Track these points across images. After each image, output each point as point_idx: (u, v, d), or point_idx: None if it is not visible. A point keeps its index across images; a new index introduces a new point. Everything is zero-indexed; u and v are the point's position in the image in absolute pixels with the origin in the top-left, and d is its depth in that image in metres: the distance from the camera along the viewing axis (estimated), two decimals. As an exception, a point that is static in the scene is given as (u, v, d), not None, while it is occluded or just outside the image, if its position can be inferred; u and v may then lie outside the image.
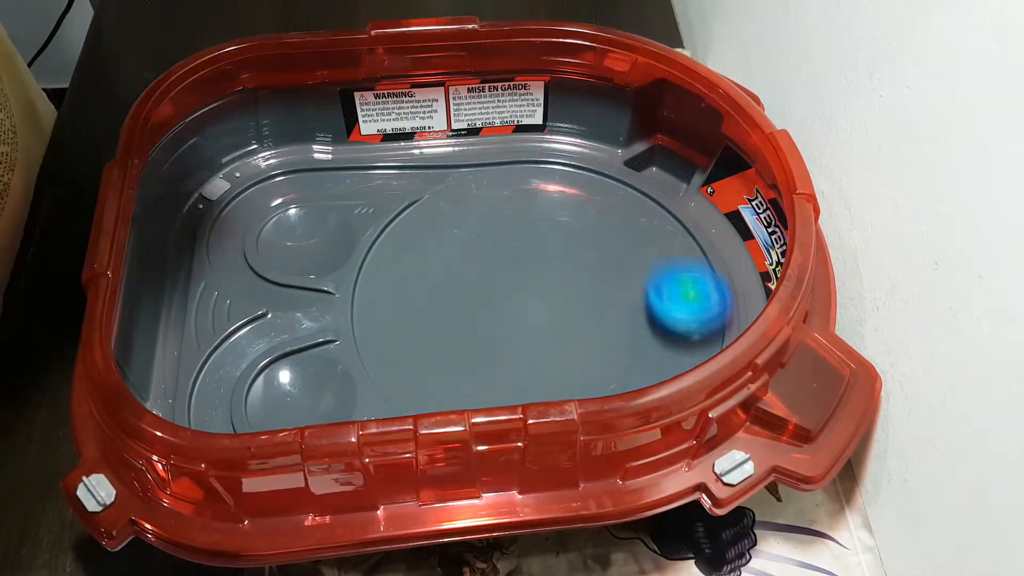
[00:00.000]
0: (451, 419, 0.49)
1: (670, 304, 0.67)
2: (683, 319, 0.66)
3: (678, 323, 0.66)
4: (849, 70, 0.61)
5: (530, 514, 0.52)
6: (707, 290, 0.68)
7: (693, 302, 0.67)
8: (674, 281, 0.68)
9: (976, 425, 0.50)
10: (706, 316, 0.67)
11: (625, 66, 0.73)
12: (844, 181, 0.63)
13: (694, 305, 0.67)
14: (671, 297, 0.67)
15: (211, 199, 0.74)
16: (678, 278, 0.68)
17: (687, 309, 0.67)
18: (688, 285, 0.67)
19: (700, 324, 0.67)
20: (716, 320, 0.67)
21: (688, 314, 0.66)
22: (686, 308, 0.67)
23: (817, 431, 0.54)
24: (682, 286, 0.67)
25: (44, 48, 1.18)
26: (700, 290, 0.67)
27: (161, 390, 0.62)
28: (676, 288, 0.67)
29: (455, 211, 0.75)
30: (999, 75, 0.47)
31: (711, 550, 0.61)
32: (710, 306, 0.67)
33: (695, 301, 0.67)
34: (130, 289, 0.60)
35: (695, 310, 0.67)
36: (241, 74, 0.72)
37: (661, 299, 0.67)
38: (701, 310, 0.67)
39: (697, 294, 0.67)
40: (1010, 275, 0.47)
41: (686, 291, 0.67)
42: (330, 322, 0.67)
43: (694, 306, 0.67)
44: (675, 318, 0.66)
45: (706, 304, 0.67)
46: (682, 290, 0.67)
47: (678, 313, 0.66)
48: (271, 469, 0.49)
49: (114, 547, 0.50)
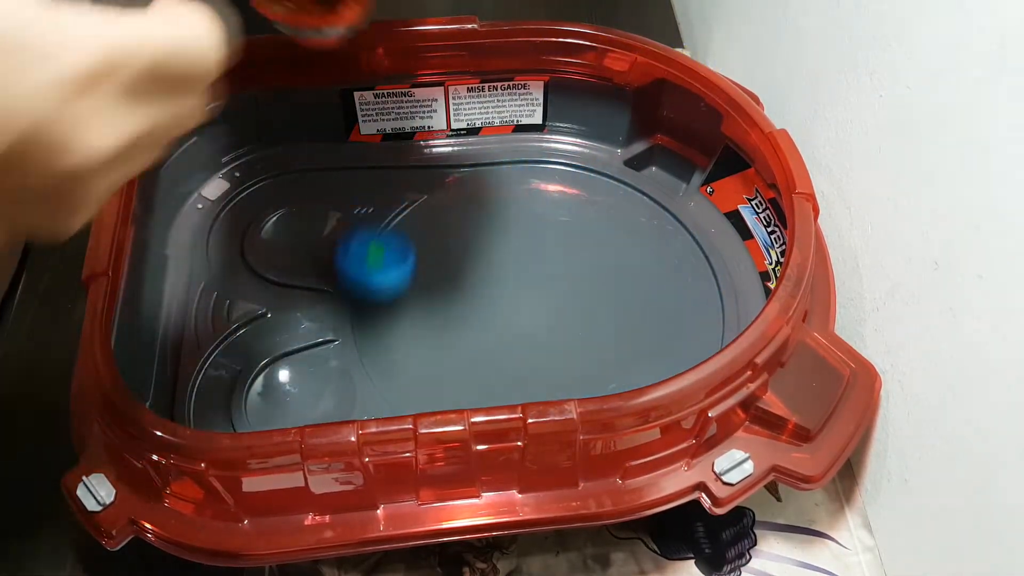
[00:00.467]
0: (451, 418, 0.49)
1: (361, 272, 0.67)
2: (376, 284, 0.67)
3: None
4: (849, 70, 0.61)
5: (530, 513, 0.52)
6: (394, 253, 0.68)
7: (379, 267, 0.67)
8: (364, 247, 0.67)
9: (976, 425, 0.50)
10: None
11: (625, 66, 0.73)
12: (844, 181, 0.63)
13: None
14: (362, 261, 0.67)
15: (211, 199, 0.74)
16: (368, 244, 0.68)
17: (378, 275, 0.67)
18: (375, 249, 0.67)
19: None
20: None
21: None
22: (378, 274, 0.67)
23: (817, 430, 0.54)
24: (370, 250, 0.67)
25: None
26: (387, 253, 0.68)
27: (161, 390, 0.62)
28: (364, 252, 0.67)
29: (455, 211, 0.75)
30: (999, 75, 0.47)
31: (711, 550, 0.61)
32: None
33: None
34: (130, 288, 0.60)
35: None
36: (241, 73, 0.71)
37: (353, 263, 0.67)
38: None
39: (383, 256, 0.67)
40: (1010, 275, 0.47)
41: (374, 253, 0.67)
42: (330, 322, 0.67)
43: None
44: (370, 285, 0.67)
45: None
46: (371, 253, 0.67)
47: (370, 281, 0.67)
48: (271, 468, 0.49)
49: (114, 547, 0.50)
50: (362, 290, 0.67)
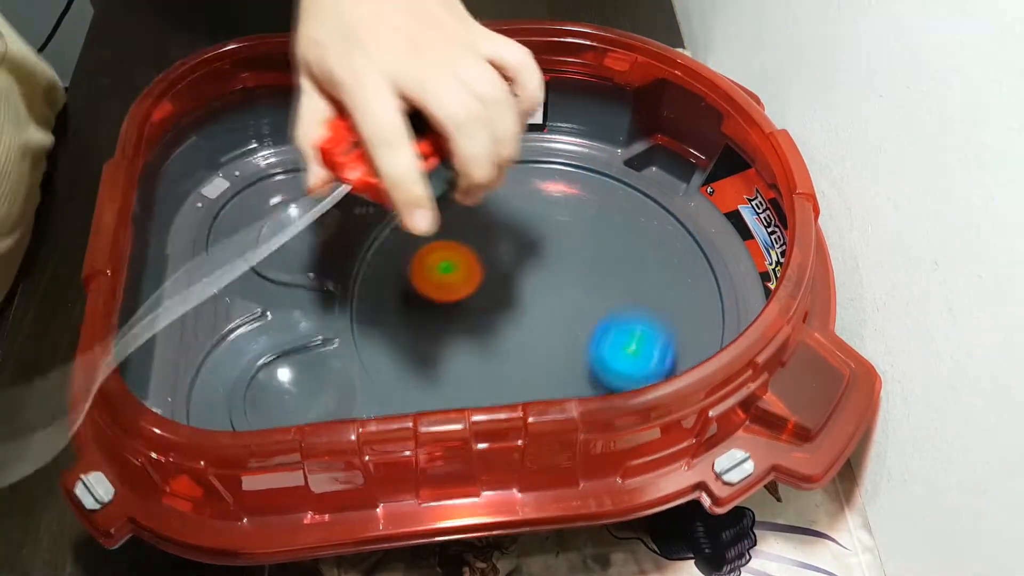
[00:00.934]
0: (451, 417, 0.49)
1: (610, 355, 0.62)
2: (621, 373, 0.62)
3: (615, 376, 0.62)
4: (849, 70, 0.61)
5: (530, 513, 0.52)
6: (650, 347, 0.62)
7: (632, 357, 0.62)
8: (619, 333, 0.63)
9: (976, 425, 0.50)
10: (644, 373, 0.62)
11: (625, 65, 0.73)
12: (844, 181, 0.63)
13: (633, 360, 0.62)
14: (612, 348, 0.62)
15: (210, 198, 0.74)
16: (623, 329, 0.63)
17: (626, 363, 0.62)
18: (630, 338, 0.63)
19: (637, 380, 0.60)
20: (653, 376, 0.62)
21: (626, 368, 0.62)
22: (625, 362, 0.62)
23: (817, 430, 0.54)
24: (625, 338, 0.63)
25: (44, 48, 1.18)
26: (642, 345, 0.62)
27: (160, 388, 0.62)
28: (619, 339, 0.63)
29: (454, 211, 0.74)
30: (999, 75, 0.47)
31: (711, 550, 0.61)
32: (650, 363, 0.62)
33: (635, 356, 0.62)
34: (130, 288, 0.60)
35: (634, 365, 0.62)
36: (240, 73, 0.72)
37: (603, 350, 0.63)
38: (640, 366, 0.62)
39: (638, 349, 0.62)
40: (1010, 275, 0.47)
41: (627, 344, 0.62)
42: (329, 321, 0.67)
43: (633, 361, 0.62)
44: (613, 371, 0.62)
45: (646, 361, 0.62)
46: (624, 342, 0.62)
47: (616, 366, 0.62)
48: (271, 467, 0.49)
49: (112, 545, 0.50)
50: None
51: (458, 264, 0.69)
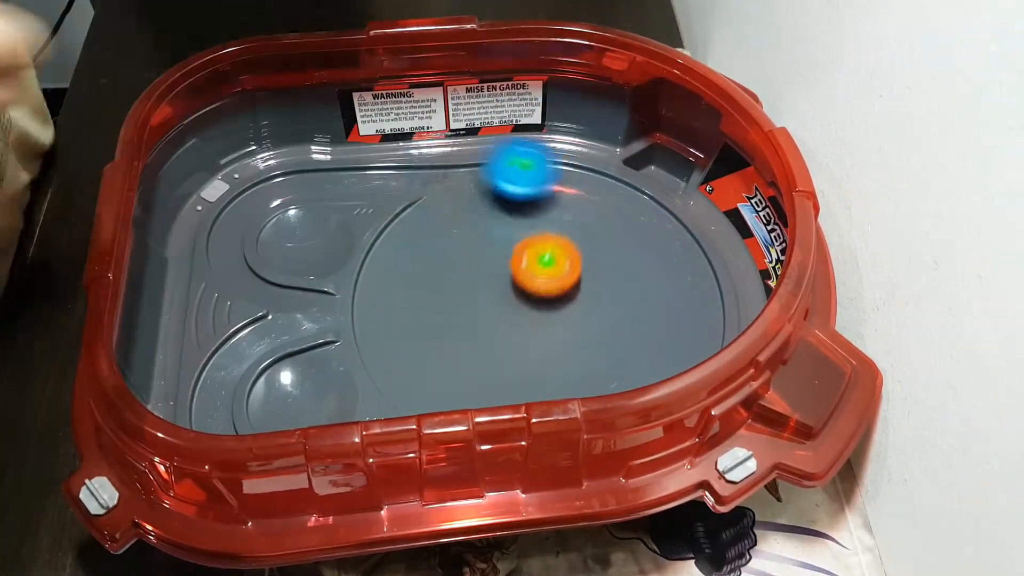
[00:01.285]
0: (454, 419, 0.49)
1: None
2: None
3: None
4: (849, 70, 0.61)
5: (533, 513, 0.52)
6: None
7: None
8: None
9: (976, 425, 0.50)
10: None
11: (623, 65, 0.73)
12: (844, 181, 0.63)
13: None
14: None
15: (210, 200, 0.74)
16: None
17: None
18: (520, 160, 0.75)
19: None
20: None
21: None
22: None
23: (819, 428, 0.54)
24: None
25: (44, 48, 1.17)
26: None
27: (162, 392, 0.62)
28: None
29: (454, 211, 0.75)
30: (999, 75, 0.47)
31: (711, 550, 0.61)
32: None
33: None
34: (130, 291, 0.60)
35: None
36: (240, 75, 0.72)
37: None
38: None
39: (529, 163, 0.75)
40: (1010, 275, 0.47)
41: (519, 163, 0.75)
42: (331, 323, 0.67)
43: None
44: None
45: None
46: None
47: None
48: (274, 470, 0.49)
49: (117, 550, 0.50)
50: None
51: (557, 257, 0.70)
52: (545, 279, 0.69)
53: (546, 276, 0.69)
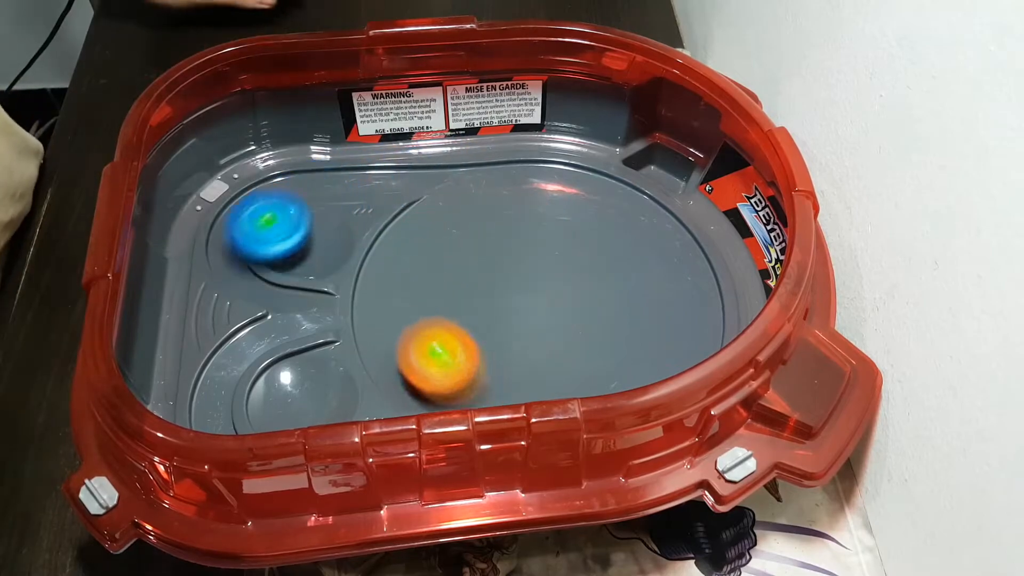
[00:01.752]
0: (454, 419, 0.49)
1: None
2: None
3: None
4: (849, 70, 0.61)
5: (533, 513, 0.52)
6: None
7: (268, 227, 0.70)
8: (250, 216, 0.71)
9: (976, 425, 0.50)
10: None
11: (623, 65, 0.73)
12: (844, 181, 0.63)
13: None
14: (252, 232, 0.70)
15: (210, 200, 0.74)
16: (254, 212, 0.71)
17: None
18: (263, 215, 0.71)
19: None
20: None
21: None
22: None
23: (819, 427, 0.54)
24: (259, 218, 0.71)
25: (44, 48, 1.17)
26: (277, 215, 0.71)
27: (162, 392, 0.62)
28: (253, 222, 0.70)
29: (454, 211, 0.75)
30: (999, 75, 0.47)
31: (711, 550, 0.61)
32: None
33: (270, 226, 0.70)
34: (130, 291, 0.60)
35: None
36: (239, 75, 0.72)
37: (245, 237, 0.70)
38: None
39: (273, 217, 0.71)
40: (1010, 275, 0.47)
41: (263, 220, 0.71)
42: (330, 323, 0.67)
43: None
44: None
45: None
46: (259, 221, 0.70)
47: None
48: (274, 470, 0.49)
49: (117, 549, 0.50)
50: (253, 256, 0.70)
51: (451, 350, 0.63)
52: (438, 373, 0.62)
53: (439, 369, 0.62)
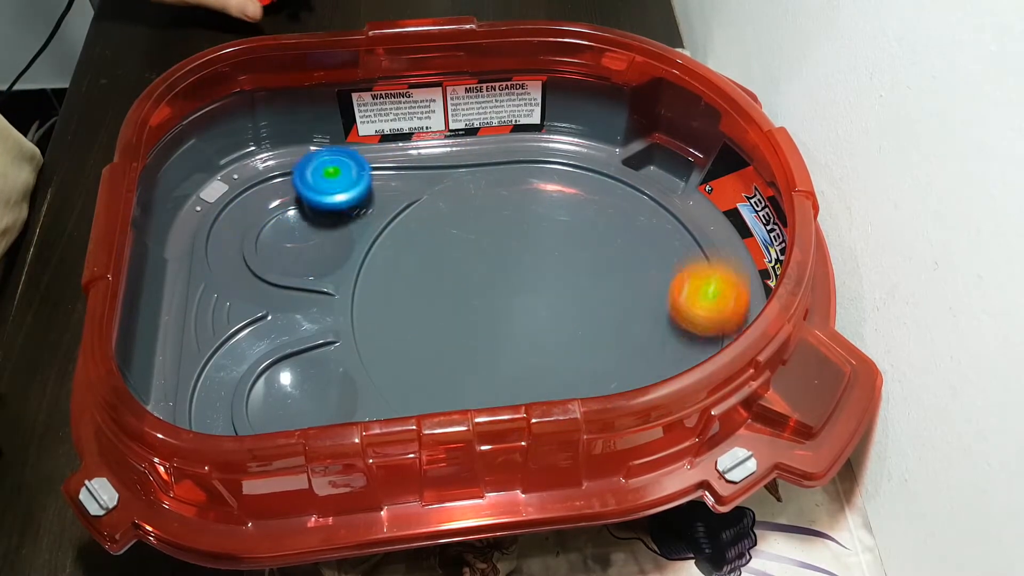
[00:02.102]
0: (454, 419, 0.49)
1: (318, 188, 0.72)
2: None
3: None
4: (849, 70, 0.61)
5: (533, 513, 0.52)
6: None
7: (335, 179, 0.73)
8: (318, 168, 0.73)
9: (976, 425, 0.50)
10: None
11: (622, 65, 0.73)
12: (844, 181, 0.63)
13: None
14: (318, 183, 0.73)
15: (209, 201, 0.74)
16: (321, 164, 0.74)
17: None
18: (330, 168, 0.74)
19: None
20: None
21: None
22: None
23: (819, 427, 0.54)
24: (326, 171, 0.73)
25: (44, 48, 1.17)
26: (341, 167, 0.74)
27: (162, 392, 0.62)
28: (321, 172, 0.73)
29: (454, 212, 0.75)
30: (999, 75, 0.47)
31: (711, 550, 0.61)
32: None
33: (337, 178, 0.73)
34: (130, 292, 0.60)
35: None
36: (239, 76, 0.72)
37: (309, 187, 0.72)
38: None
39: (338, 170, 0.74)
40: (1010, 275, 0.47)
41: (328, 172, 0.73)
42: (330, 323, 0.67)
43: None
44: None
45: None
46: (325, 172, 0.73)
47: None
48: (274, 471, 0.49)
49: (117, 550, 0.50)
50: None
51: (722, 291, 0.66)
52: (706, 312, 0.65)
53: (707, 309, 0.65)
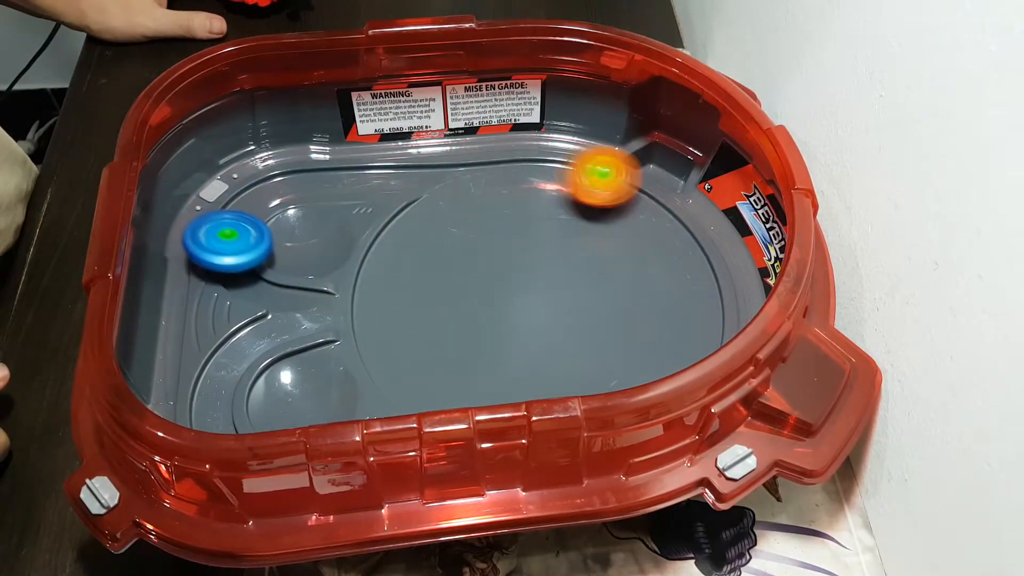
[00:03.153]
0: (455, 417, 0.49)
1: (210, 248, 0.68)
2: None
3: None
4: (849, 70, 0.61)
5: (534, 511, 0.52)
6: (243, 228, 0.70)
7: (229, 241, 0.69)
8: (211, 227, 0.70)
9: (976, 425, 0.50)
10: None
11: (622, 63, 0.73)
12: (844, 181, 0.63)
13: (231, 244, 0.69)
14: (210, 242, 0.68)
15: (209, 200, 0.74)
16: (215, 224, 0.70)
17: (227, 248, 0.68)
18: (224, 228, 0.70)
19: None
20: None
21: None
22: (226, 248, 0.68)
23: (819, 425, 0.54)
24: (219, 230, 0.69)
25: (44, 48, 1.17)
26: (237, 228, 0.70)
27: (162, 391, 0.62)
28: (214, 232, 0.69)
29: (453, 210, 0.75)
30: (999, 75, 0.47)
31: (711, 550, 0.61)
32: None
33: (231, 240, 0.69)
34: (130, 291, 0.60)
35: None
36: (238, 75, 0.72)
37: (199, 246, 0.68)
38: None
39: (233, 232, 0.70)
40: (1010, 275, 0.47)
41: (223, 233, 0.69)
42: (330, 322, 0.67)
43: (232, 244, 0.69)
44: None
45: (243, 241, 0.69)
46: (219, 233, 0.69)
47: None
48: (275, 469, 0.49)
49: (118, 549, 0.50)
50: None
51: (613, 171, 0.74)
52: (601, 190, 0.73)
53: (602, 187, 0.73)
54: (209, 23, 0.91)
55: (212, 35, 0.91)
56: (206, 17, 0.91)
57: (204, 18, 0.91)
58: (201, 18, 0.91)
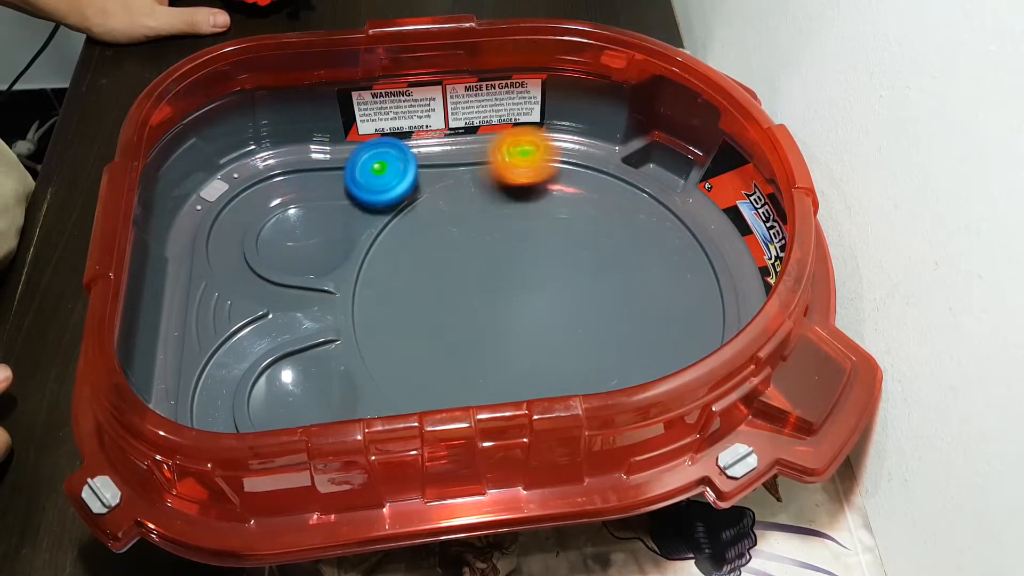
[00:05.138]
0: (456, 416, 0.50)
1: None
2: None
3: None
4: (849, 70, 0.61)
5: (535, 510, 0.52)
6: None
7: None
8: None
9: (976, 425, 0.50)
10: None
11: (622, 63, 0.73)
12: (844, 181, 0.63)
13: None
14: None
15: (210, 200, 0.74)
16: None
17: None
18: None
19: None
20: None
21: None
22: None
23: (819, 423, 0.54)
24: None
25: (44, 48, 1.17)
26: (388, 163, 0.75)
27: (163, 391, 0.62)
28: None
29: (454, 210, 0.75)
30: (999, 75, 0.47)
31: (711, 550, 0.61)
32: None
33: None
34: (131, 290, 0.60)
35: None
36: (239, 75, 0.72)
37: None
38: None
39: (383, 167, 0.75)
40: (1010, 275, 0.47)
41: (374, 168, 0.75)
42: (331, 322, 0.67)
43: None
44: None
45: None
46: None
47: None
48: (277, 468, 0.49)
49: (120, 548, 0.50)
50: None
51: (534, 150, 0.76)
52: (523, 169, 0.75)
53: (524, 166, 0.75)
54: (212, 17, 0.91)
55: (216, 29, 0.91)
56: (209, 12, 0.91)
57: (207, 13, 0.91)
58: (204, 13, 0.91)
